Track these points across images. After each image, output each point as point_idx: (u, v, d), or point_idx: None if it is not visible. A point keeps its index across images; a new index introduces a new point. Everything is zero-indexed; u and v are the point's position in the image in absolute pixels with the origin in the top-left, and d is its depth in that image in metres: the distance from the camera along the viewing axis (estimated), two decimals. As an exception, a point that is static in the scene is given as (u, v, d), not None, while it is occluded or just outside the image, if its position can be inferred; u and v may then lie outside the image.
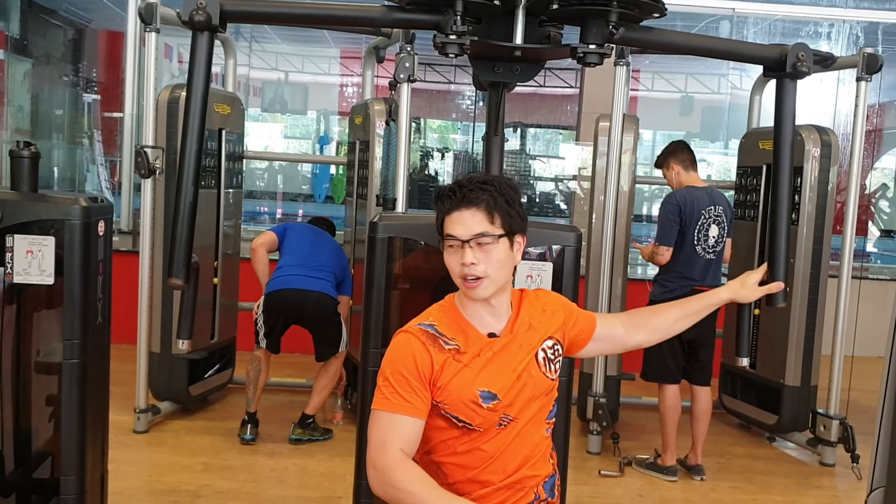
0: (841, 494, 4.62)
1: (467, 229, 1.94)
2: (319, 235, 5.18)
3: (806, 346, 5.10)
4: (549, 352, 2.07)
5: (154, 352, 5.04)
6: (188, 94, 2.26)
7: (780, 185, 2.49)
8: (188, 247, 2.33)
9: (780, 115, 2.47)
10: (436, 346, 1.99)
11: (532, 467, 2.06)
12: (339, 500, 4.05)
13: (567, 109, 14.80)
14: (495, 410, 1.98)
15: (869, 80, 4.80)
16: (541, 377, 2.05)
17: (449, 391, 1.96)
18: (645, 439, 5.01)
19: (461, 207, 1.95)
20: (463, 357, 1.99)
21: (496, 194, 1.96)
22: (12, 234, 2.64)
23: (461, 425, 1.99)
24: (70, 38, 11.67)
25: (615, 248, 5.05)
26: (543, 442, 2.09)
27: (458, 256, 1.96)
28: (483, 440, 2.01)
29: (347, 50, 14.22)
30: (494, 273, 1.96)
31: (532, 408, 2.03)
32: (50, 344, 2.75)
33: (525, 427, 2.03)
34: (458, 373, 1.97)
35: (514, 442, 2.02)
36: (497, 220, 1.96)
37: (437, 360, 1.97)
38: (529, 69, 2.35)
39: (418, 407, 1.94)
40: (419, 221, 2.89)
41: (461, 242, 1.95)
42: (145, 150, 4.70)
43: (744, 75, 11.12)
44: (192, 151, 2.29)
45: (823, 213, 5.04)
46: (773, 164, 2.49)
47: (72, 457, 2.68)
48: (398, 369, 1.96)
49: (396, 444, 1.90)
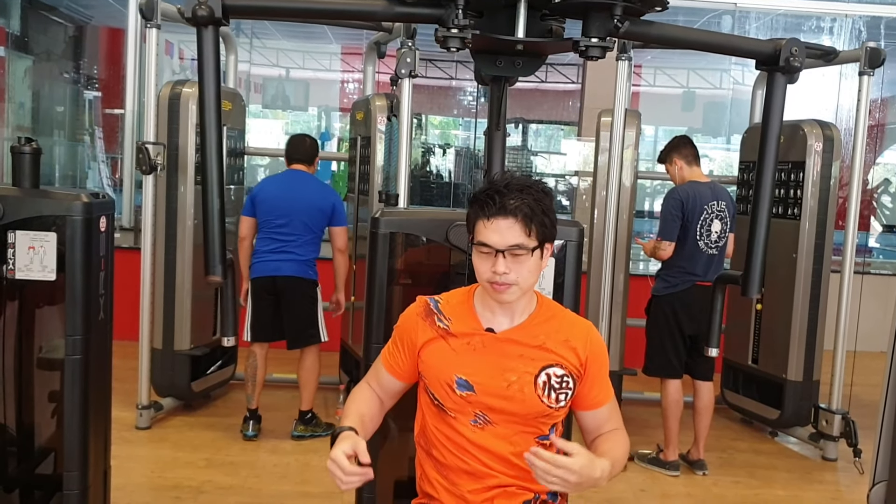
0: (843, 489, 4.62)
1: (503, 239, 1.92)
2: (290, 189, 4.82)
3: (808, 341, 5.10)
4: (555, 380, 2.01)
5: (156, 348, 5.05)
6: (201, 88, 2.25)
7: (764, 177, 2.48)
8: (222, 242, 2.32)
9: (769, 109, 2.47)
10: (428, 321, 2.08)
11: (522, 479, 2.02)
12: (340, 496, 4.04)
13: (569, 105, 14.79)
14: (468, 401, 2.00)
15: (871, 75, 4.79)
16: (533, 399, 1.99)
17: (429, 367, 2.05)
18: (647, 434, 5.01)
19: (499, 216, 1.92)
20: (451, 340, 2.04)
21: (534, 204, 1.93)
22: (14, 231, 2.64)
23: (436, 404, 2.05)
24: (71, 35, 11.67)
25: (617, 244, 5.05)
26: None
27: (489, 263, 1.94)
28: (462, 428, 2.02)
29: (348, 46, 14.21)
30: (524, 281, 1.96)
31: (515, 423, 2.01)
32: (52, 340, 2.75)
33: (507, 435, 2.01)
34: (442, 353, 2.04)
35: (493, 444, 2.01)
36: (533, 233, 1.93)
37: (424, 335, 2.07)
38: (531, 63, 2.35)
39: (395, 367, 2.12)
40: (421, 217, 2.89)
41: (495, 251, 1.93)
42: (147, 146, 4.70)
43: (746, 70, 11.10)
44: (213, 145, 2.27)
45: (826, 207, 5.03)
46: (759, 156, 2.49)
47: (74, 452, 2.68)
48: (396, 331, 2.15)
49: (369, 379, 2.19)
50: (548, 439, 2.03)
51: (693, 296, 4.52)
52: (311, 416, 4.89)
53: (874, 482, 2.41)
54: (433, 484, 2.11)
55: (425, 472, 2.14)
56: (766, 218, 2.52)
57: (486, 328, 2.04)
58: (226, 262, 2.34)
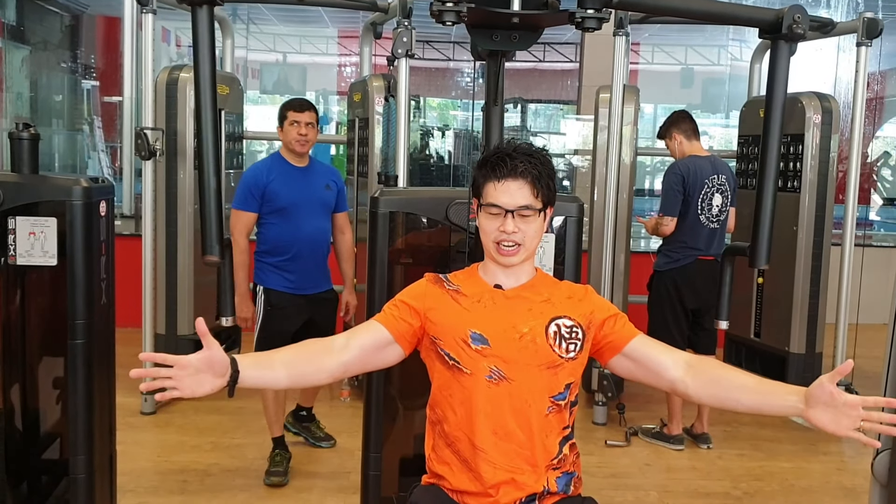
0: (847, 459, 4.64)
1: (513, 200, 2.03)
2: None
3: (810, 314, 5.11)
4: (565, 329, 2.07)
5: (159, 333, 5.06)
6: (196, 69, 2.25)
7: (769, 147, 2.47)
8: (219, 222, 2.34)
9: (773, 78, 2.46)
10: (438, 285, 2.15)
11: (531, 447, 2.03)
12: (347, 476, 4.07)
13: (567, 84, 14.74)
14: (483, 355, 2.03)
15: (869, 46, 4.78)
16: (545, 348, 2.05)
17: (443, 326, 2.07)
18: (651, 409, 5.02)
19: (509, 178, 2.03)
20: (462, 299, 2.10)
21: (541, 167, 2.05)
22: (14, 217, 2.64)
23: (451, 363, 2.06)
24: (67, 25, 11.64)
25: (617, 222, 5.04)
26: (543, 419, 2.05)
27: (497, 223, 2.04)
28: (475, 389, 2.03)
29: (345, 29, 14.17)
30: (529, 243, 2.07)
31: (530, 375, 2.03)
32: (55, 325, 2.76)
33: (521, 393, 2.03)
34: (454, 311, 2.09)
35: (507, 403, 2.02)
36: (539, 195, 2.05)
37: (434, 294, 2.12)
38: (528, 37, 2.34)
39: (391, 321, 2.10)
40: (420, 196, 2.89)
41: (504, 212, 2.03)
42: (145, 132, 4.69)
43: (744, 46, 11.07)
44: (208, 125, 2.27)
45: (825, 180, 5.04)
46: (764, 125, 2.48)
47: (80, 436, 2.70)
48: (400, 296, 2.16)
49: (341, 335, 2.12)
50: (564, 399, 2.07)
51: (695, 270, 4.52)
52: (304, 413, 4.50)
53: (878, 451, 2.43)
54: (446, 462, 2.10)
55: (436, 450, 2.14)
56: (773, 187, 2.52)
57: (494, 285, 2.12)
58: (223, 242, 2.35)
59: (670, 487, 4.18)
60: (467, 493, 2.06)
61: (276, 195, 3.96)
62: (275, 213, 3.98)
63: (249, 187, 3.97)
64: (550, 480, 2.06)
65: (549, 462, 2.06)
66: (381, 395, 2.73)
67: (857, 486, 4.18)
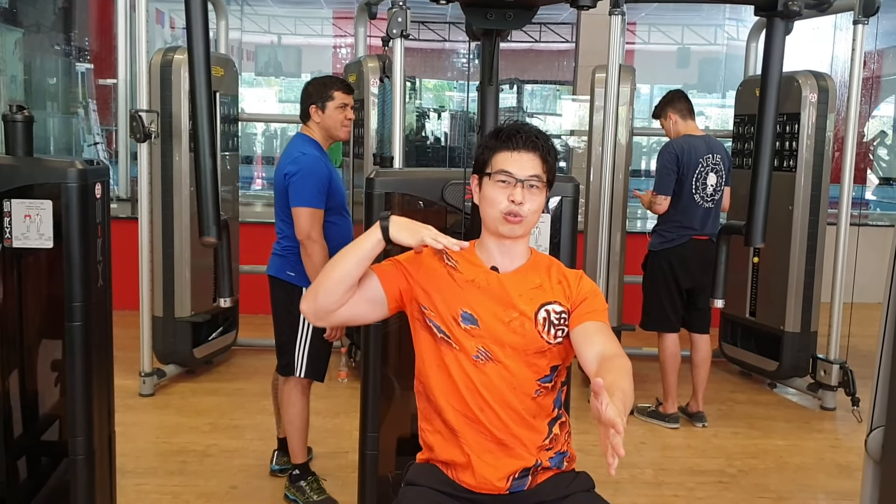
0: (842, 437, 4.67)
1: (524, 170, 2.07)
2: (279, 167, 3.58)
3: (805, 293, 5.12)
4: (554, 315, 2.09)
5: (157, 316, 5.07)
6: (190, 51, 2.25)
7: (764, 125, 2.48)
8: (216, 203, 2.34)
9: (769, 55, 2.47)
10: (437, 257, 2.16)
11: (519, 424, 2.07)
12: (345, 455, 4.10)
13: (563, 65, 14.71)
14: (472, 335, 2.06)
15: (866, 24, 4.75)
16: (533, 334, 2.08)
17: (436, 302, 2.11)
18: (646, 388, 5.05)
19: (522, 149, 2.08)
20: (456, 276, 2.12)
21: (547, 145, 2.12)
22: (9, 199, 2.64)
23: (440, 336, 2.09)
24: (60, 7, 11.55)
25: (613, 202, 5.04)
26: (530, 401, 2.08)
27: (506, 192, 2.07)
28: (461, 364, 2.06)
29: (340, 11, 14.11)
30: (532, 216, 2.10)
31: (517, 358, 2.06)
32: (52, 308, 2.76)
33: (508, 375, 2.06)
34: (448, 286, 2.11)
35: (494, 383, 2.05)
36: (547, 169, 2.11)
37: (431, 262, 2.15)
38: (522, 15, 2.34)
39: (384, 272, 2.14)
40: (416, 176, 2.89)
41: (515, 181, 2.06)
42: (140, 114, 4.69)
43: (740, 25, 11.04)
44: (203, 106, 2.27)
45: (821, 159, 5.03)
46: (759, 104, 2.48)
47: (79, 417, 2.70)
48: (400, 258, 2.19)
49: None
50: (550, 381, 2.10)
51: (689, 250, 4.54)
52: (297, 472, 3.68)
53: (872, 427, 2.45)
54: (438, 432, 2.14)
55: (427, 420, 2.18)
56: (768, 166, 2.52)
57: (491, 266, 2.14)
58: (220, 223, 2.35)
59: (665, 465, 4.21)
60: (458, 466, 2.10)
61: (337, 190, 3.53)
62: (333, 211, 3.49)
63: (321, 180, 3.40)
64: (543, 460, 2.10)
65: (542, 443, 2.10)
66: (378, 376, 2.76)
67: (851, 462, 4.21)
